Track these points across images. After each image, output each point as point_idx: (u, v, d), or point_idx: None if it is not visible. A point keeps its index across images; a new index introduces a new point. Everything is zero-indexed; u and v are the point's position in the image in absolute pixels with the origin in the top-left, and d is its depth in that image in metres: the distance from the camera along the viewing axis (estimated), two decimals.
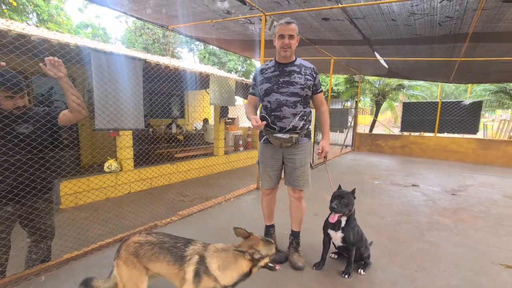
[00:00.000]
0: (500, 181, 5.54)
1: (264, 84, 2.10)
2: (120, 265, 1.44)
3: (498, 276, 2.18)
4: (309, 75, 2.11)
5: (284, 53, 2.03)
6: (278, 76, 2.08)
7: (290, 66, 2.09)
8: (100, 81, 2.45)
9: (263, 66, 2.19)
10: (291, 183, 2.24)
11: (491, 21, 3.41)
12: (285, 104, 2.05)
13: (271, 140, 2.14)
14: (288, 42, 1.99)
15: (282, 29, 1.99)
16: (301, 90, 2.07)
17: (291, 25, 1.99)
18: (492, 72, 6.70)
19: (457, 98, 20.37)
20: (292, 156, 2.18)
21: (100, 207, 3.96)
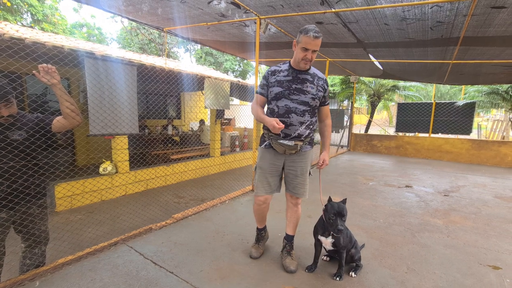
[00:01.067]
0: (492, 181, 5.63)
1: (276, 87, 2.05)
2: None
3: (485, 277, 2.24)
4: (321, 86, 2.09)
5: (304, 65, 1.99)
6: (290, 81, 2.03)
7: (304, 74, 2.05)
8: (94, 87, 2.46)
9: (276, 68, 2.11)
10: (290, 190, 2.25)
11: (481, 26, 3.48)
12: (294, 111, 2.02)
13: (275, 146, 2.09)
14: (310, 56, 1.93)
15: (308, 43, 1.87)
16: (312, 100, 2.05)
17: (318, 40, 1.88)
18: (483, 74, 6.81)
19: (451, 98, 20.58)
20: (294, 164, 2.17)
21: (96, 209, 3.97)
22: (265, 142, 2.19)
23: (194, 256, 2.43)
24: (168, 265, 2.27)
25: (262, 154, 2.21)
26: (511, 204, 4.17)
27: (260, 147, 2.25)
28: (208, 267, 2.28)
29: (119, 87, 2.73)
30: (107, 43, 19.90)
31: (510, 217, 3.62)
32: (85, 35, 17.94)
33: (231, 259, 2.41)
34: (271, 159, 2.17)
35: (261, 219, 2.44)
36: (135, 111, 2.93)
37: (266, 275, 2.18)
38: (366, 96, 12.19)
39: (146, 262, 2.31)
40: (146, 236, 2.79)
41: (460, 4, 2.90)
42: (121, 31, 19.80)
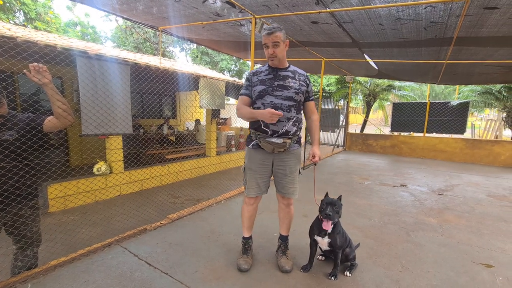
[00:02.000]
0: (485, 180, 5.70)
1: (258, 86, 2.07)
2: None
3: (478, 275, 2.26)
4: (303, 81, 2.12)
5: (272, 62, 2.05)
6: (272, 79, 2.06)
7: (284, 71, 2.09)
8: (86, 86, 2.43)
9: (257, 69, 2.17)
10: (279, 190, 2.24)
11: (474, 27, 3.51)
12: (280, 107, 2.03)
13: (263, 145, 2.08)
14: (273, 51, 1.98)
15: (266, 39, 1.98)
16: (296, 94, 2.07)
17: (275, 34, 1.95)
18: (477, 74, 6.88)
19: (446, 98, 20.80)
20: (283, 163, 2.16)
21: (89, 210, 3.93)
22: (252, 142, 2.16)
23: (189, 257, 2.42)
24: (163, 266, 2.26)
25: (251, 154, 2.19)
26: (503, 202, 4.23)
27: (247, 148, 2.22)
28: (203, 267, 2.27)
29: (112, 87, 2.70)
30: (101, 42, 19.72)
31: (503, 215, 3.66)
32: (79, 34, 17.74)
33: (226, 259, 2.40)
34: (260, 159, 2.15)
35: (249, 224, 2.34)
36: (129, 110, 2.90)
37: (262, 275, 2.18)
38: (362, 95, 12.26)
39: (141, 263, 2.30)
40: (141, 237, 2.77)
41: (453, 4, 2.92)
42: (115, 30, 19.64)
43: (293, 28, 4.39)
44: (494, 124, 12.97)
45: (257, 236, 2.79)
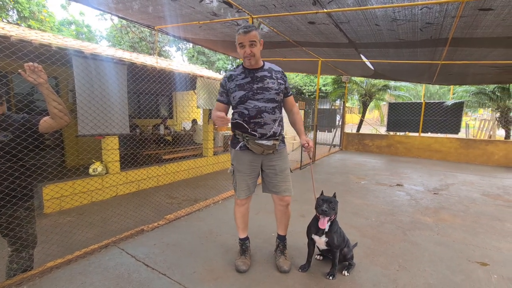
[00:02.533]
0: (480, 179, 5.77)
1: (238, 92, 2.02)
2: None
3: (473, 273, 2.29)
4: (280, 78, 2.11)
5: (249, 61, 2.00)
6: (250, 82, 2.02)
7: (260, 72, 2.05)
8: (83, 86, 2.40)
9: (231, 73, 2.09)
10: (271, 189, 2.22)
11: (469, 28, 3.55)
12: (265, 110, 2.03)
13: (252, 147, 2.06)
14: (250, 51, 1.93)
15: (241, 39, 1.92)
16: (277, 95, 2.07)
17: (251, 33, 1.90)
18: (471, 75, 6.96)
19: (441, 98, 20.98)
20: (272, 163, 2.16)
21: (86, 211, 3.89)
22: (240, 144, 2.12)
23: (187, 257, 2.41)
24: (161, 267, 2.25)
25: (239, 157, 2.14)
26: (498, 201, 4.29)
27: (234, 150, 2.16)
28: (201, 268, 2.26)
29: (108, 87, 2.67)
30: (96, 41, 19.54)
31: (497, 214, 3.71)
32: (74, 32, 17.56)
33: (224, 260, 2.40)
34: (249, 160, 2.12)
35: (244, 225, 2.33)
36: (126, 110, 2.87)
37: (260, 276, 2.18)
38: (358, 95, 12.32)
39: (138, 264, 2.28)
40: (138, 238, 2.75)
41: (448, 6, 2.95)
42: (111, 29, 19.48)
43: (290, 28, 4.39)
44: (488, 124, 13.14)
45: (254, 237, 2.79)
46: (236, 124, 2.10)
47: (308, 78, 17.05)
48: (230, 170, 2.23)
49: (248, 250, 2.38)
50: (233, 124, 2.13)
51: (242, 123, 2.06)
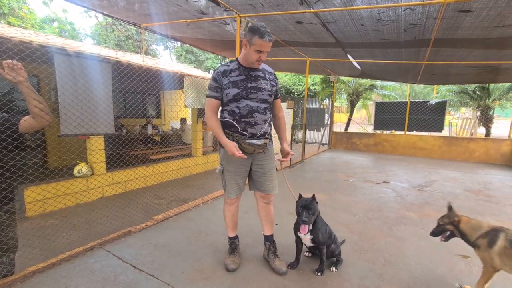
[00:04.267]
0: (462, 176, 5.98)
1: (231, 89, 1.99)
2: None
3: (456, 266, 2.37)
4: (273, 80, 2.12)
5: (258, 65, 2.01)
6: (244, 80, 2.00)
7: (255, 71, 2.05)
8: (65, 84, 2.33)
9: (225, 68, 2.03)
10: (259, 188, 2.22)
11: (450, 29, 3.67)
12: (256, 110, 2.03)
13: (243, 147, 2.04)
14: (264, 57, 1.96)
15: (264, 46, 1.88)
16: (269, 96, 2.09)
17: (271, 42, 1.92)
18: (453, 75, 7.20)
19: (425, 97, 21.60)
20: (262, 162, 2.17)
21: (70, 213, 3.78)
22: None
23: (176, 258, 2.39)
24: (149, 268, 2.21)
25: (228, 156, 2.08)
26: (479, 196, 4.46)
27: (223, 150, 2.11)
28: (190, 268, 2.24)
29: (92, 85, 2.60)
30: (80, 39, 19.00)
31: (478, 208, 3.86)
32: (57, 30, 17.00)
33: (214, 259, 2.39)
34: (240, 160, 2.09)
35: (233, 224, 2.33)
36: (110, 110, 2.81)
37: (249, 274, 2.18)
38: (346, 95, 12.52)
39: (125, 266, 2.24)
40: (125, 240, 2.70)
41: (430, 7, 3.04)
42: (95, 26, 18.99)
43: (278, 28, 4.42)
44: (470, 122, 13.63)
45: (244, 236, 2.79)
46: (226, 123, 2.06)
47: (297, 77, 17.18)
48: (219, 170, 2.20)
49: (238, 249, 2.38)
50: (222, 123, 2.09)
51: (232, 122, 2.03)
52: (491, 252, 1.79)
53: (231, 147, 1.95)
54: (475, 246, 1.90)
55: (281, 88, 16.78)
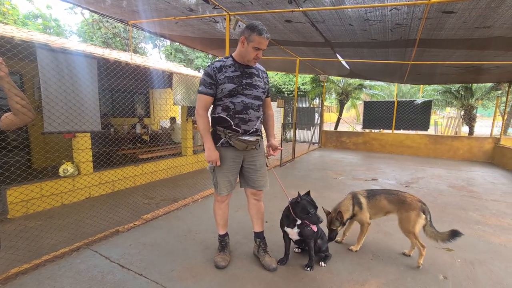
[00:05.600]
0: (447, 173, 6.16)
1: (227, 84, 1.98)
2: None
3: (440, 258, 2.45)
4: (265, 78, 2.16)
5: (254, 63, 2.03)
6: (240, 77, 2.01)
7: (250, 68, 2.07)
8: (49, 80, 2.26)
9: (221, 63, 2.02)
10: (251, 184, 2.23)
11: (434, 29, 3.78)
12: (251, 107, 2.04)
13: (236, 143, 2.03)
14: (261, 55, 1.97)
15: (262, 43, 1.90)
16: (263, 94, 2.12)
17: (268, 40, 1.94)
18: (438, 75, 7.41)
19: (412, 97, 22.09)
20: (254, 159, 2.18)
21: (56, 214, 3.68)
22: (221, 140, 2.08)
23: (165, 257, 2.37)
24: (137, 267, 2.19)
25: (221, 153, 2.07)
26: (462, 192, 4.60)
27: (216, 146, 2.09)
28: (180, 266, 2.23)
29: (77, 81, 2.53)
30: (66, 36, 18.50)
31: (462, 204, 3.99)
32: (41, 27, 16.49)
33: (203, 257, 2.38)
34: (231, 157, 2.10)
35: (224, 222, 2.33)
36: (97, 106, 2.74)
37: (239, 271, 2.19)
38: (335, 94, 12.68)
39: (113, 265, 2.20)
40: (113, 239, 2.66)
41: (415, 8, 3.12)
42: (81, 23, 18.53)
43: (268, 27, 4.42)
44: (454, 121, 14.05)
45: (234, 233, 2.79)
46: (219, 118, 2.05)
47: (287, 77, 17.27)
48: (209, 167, 2.18)
49: (228, 246, 2.38)
50: (215, 119, 2.07)
51: (226, 118, 2.02)
52: (363, 212, 2.45)
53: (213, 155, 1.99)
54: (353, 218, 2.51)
55: (272, 87, 16.84)
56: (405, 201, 2.37)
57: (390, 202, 2.44)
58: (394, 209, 2.42)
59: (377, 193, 2.53)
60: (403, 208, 2.35)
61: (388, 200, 2.45)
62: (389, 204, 2.44)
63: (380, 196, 2.49)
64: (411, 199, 2.38)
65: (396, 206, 2.41)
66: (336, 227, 2.43)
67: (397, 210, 2.39)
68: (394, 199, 2.43)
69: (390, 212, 2.48)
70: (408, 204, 2.34)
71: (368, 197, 2.50)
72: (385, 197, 2.48)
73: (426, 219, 2.30)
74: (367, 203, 2.47)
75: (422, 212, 2.29)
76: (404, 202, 2.37)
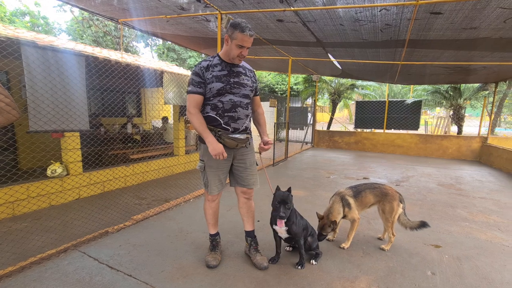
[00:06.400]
0: (436, 171, 6.28)
1: (215, 83, 1.98)
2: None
3: (428, 255, 2.49)
4: (253, 77, 2.17)
5: (239, 61, 2.03)
6: (227, 76, 2.01)
7: (237, 67, 2.07)
8: (34, 78, 2.20)
9: (208, 62, 2.02)
10: (240, 183, 2.22)
11: (423, 30, 3.84)
12: (239, 105, 2.04)
13: (226, 142, 2.03)
14: (246, 53, 1.97)
15: (246, 41, 1.90)
16: (251, 92, 2.12)
17: (253, 38, 1.94)
18: (427, 75, 7.54)
19: (403, 97, 22.46)
20: (244, 157, 2.18)
21: (44, 215, 3.60)
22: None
23: (155, 257, 2.34)
24: (126, 268, 2.16)
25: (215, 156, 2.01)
26: (451, 190, 4.70)
27: (204, 146, 2.07)
28: (170, 267, 2.21)
29: (64, 79, 2.47)
30: (55, 34, 18.13)
31: (450, 202, 4.07)
32: (29, 24, 16.11)
33: (195, 257, 2.36)
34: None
35: (214, 221, 2.32)
36: (84, 105, 2.69)
37: (230, 270, 2.18)
38: (328, 94, 12.77)
39: (101, 267, 2.17)
40: (102, 240, 2.62)
41: (404, 8, 3.17)
42: (71, 21, 18.19)
43: (260, 26, 4.43)
44: (443, 121, 14.33)
45: (226, 232, 2.78)
46: (208, 117, 2.04)
47: (280, 77, 17.33)
48: (199, 166, 2.16)
49: (219, 246, 2.37)
50: (204, 118, 2.05)
51: (215, 117, 2.02)
52: (352, 210, 2.52)
53: (219, 150, 1.92)
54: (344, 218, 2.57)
55: (265, 87, 16.85)
56: (388, 193, 2.56)
57: (375, 195, 2.59)
58: (377, 201, 2.59)
59: (361, 189, 2.63)
60: (386, 199, 2.54)
61: (373, 194, 2.60)
62: (374, 197, 2.60)
63: (365, 192, 2.60)
64: (391, 190, 2.59)
65: (379, 198, 2.58)
66: (326, 233, 2.50)
67: (380, 201, 2.56)
68: (378, 192, 2.59)
69: (374, 204, 2.64)
70: (391, 196, 2.54)
71: (355, 196, 2.58)
72: (369, 192, 2.61)
73: (403, 208, 2.55)
74: (355, 202, 2.56)
75: (400, 202, 2.53)
76: (387, 194, 2.55)
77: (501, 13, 3.10)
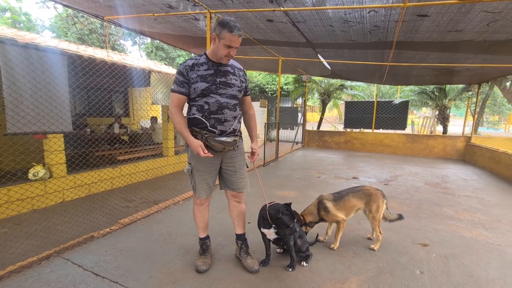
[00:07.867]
0: (423, 170, 6.42)
1: (200, 83, 1.91)
2: None
3: (417, 254, 2.52)
4: (242, 77, 2.09)
5: (227, 61, 1.97)
6: (213, 75, 1.95)
7: (224, 66, 2.00)
8: (12, 77, 2.08)
9: (193, 61, 1.95)
10: (230, 186, 2.18)
11: (410, 32, 3.91)
12: (226, 106, 1.98)
13: (213, 145, 1.97)
14: (234, 53, 1.92)
15: (234, 41, 1.85)
16: (239, 92, 2.05)
17: (241, 38, 1.88)
18: (414, 76, 7.70)
19: (391, 97, 22.92)
20: (232, 160, 2.13)
21: (25, 220, 3.45)
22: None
23: (143, 262, 2.27)
24: (112, 275, 2.08)
25: (197, 155, 1.96)
26: (437, 189, 4.80)
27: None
28: (158, 272, 2.15)
29: (45, 79, 2.37)
30: (37, 31, 17.53)
31: (437, 200, 4.16)
32: (9, 21, 15.51)
33: (184, 261, 2.31)
34: (210, 158, 2.01)
35: (204, 224, 2.27)
36: (67, 106, 2.58)
37: (221, 274, 2.14)
38: (318, 94, 12.87)
39: (86, 274, 2.09)
40: (86, 246, 2.52)
41: (392, 10, 3.21)
42: (55, 18, 17.63)
43: (250, 26, 4.40)
44: (429, 121, 14.70)
45: (216, 235, 2.74)
46: (194, 119, 1.98)
47: (270, 77, 17.33)
48: (187, 170, 2.12)
49: (209, 249, 2.33)
50: (190, 120, 2.00)
51: (201, 119, 1.96)
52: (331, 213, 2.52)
53: (196, 145, 1.89)
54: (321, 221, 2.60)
55: (255, 87, 16.82)
56: (371, 193, 2.58)
57: (360, 198, 2.58)
58: (363, 204, 2.58)
59: (343, 194, 2.62)
60: (371, 200, 2.55)
61: (357, 197, 2.58)
62: (359, 201, 2.58)
63: (347, 197, 2.58)
64: (374, 189, 2.62)
65: (366, 200, 2.57)
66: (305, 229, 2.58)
67: (367, 203, 2.56)
68: (362, 195, 2.59)
69: (360, 208, 2.61)
70: (374, 195, 2.56)
71: (335, 200, 2.58)
72: (352, 196, 2.59)
73: (386, 203, 2.60)
74: (335, 205, 2.54)
75: (383, 198, 2.57)
76: (371, 194, 2.57)
77: (484, 16, 3.18)
